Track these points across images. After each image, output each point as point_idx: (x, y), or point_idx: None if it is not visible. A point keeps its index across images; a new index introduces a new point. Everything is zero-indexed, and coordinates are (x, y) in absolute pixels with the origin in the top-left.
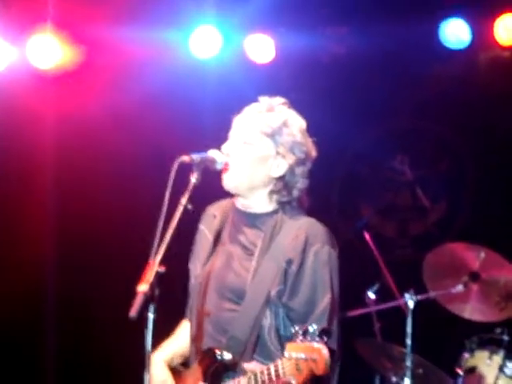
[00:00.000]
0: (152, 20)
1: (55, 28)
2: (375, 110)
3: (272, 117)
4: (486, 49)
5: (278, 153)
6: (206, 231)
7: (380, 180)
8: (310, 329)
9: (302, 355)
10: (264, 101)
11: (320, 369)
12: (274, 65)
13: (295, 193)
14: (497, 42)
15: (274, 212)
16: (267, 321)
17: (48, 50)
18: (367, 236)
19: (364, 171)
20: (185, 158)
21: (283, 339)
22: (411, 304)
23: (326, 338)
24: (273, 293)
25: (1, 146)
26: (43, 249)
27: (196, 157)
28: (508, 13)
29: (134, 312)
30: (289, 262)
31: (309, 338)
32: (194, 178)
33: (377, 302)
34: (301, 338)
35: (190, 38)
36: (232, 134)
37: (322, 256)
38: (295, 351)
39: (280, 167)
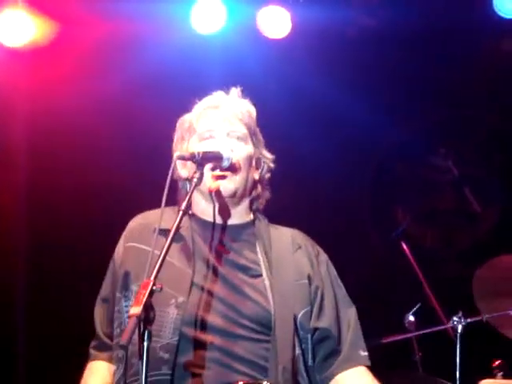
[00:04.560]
0: None
1: (26, 0)
2: (412, 95)
3: (250, 110)
4: None
5: (260, 152)
6: (148, 249)
7: (419, 179)
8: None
9: None
10: (226, 94)
11: None
12: (289, 41)
13: (264, 201)
14: None
15: (253, 221)
16: (295, 351)
17: (18, 26)
18: (405, 247)
19: (399, 169)
20: (185, 154)
21: (310, 371)
22: (460, 328)
23: None
24: (300, 316)
25: None
26: (14, 247)
27: (198, 152)
28: None
29: (125, 338)
30: (309, 279)
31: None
32: (195, 178)
33: (418, 326)
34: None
35: (191, 10)
36: (216, 127)
37: (331, 265)
38: None
39: (259, 169)
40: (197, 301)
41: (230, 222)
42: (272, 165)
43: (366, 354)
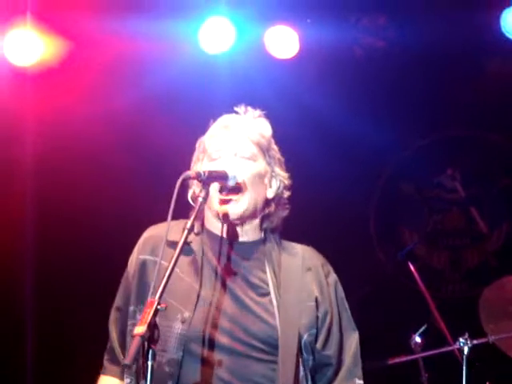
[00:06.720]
0: (153, 9)
1: (35, 20)
2: (419, 115)
3: (262, 130)
4: None
5: (272, 170)
6: (166, 264)
7: (426, 199)
8: None
9: None
10: (244, 111)
11: None
12: (297, 61)
13: (278, 220)
14: None
15: (264, 240)
16: (300, 372)
17: (27, 45)
18: (412, 268)
19: (407, 189)
20: (190, 173)
21: None
22: (466, 350)
23: None
24: (305, 337)
25: None
26: (20, 259)
27: (204, 171)
28: None
29: (129, 359)
30: (317, 302)
31: None
32: (201, 197)
33: (424, 347)
34: None
35: (199, 30)
36: (224, 147)
37: (339, 287)
38: None
39: (273, 187)
40: (203, 316)
41: (240, 239)
42: (287, 182)
43: (362, 382)
